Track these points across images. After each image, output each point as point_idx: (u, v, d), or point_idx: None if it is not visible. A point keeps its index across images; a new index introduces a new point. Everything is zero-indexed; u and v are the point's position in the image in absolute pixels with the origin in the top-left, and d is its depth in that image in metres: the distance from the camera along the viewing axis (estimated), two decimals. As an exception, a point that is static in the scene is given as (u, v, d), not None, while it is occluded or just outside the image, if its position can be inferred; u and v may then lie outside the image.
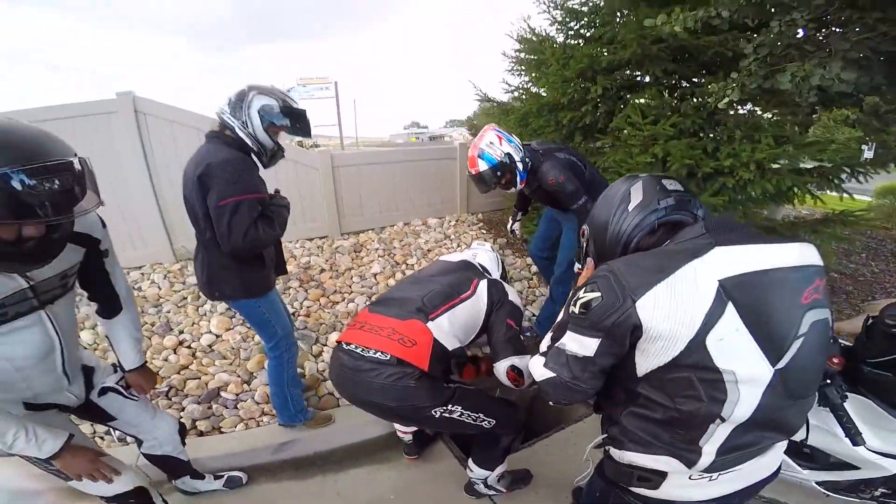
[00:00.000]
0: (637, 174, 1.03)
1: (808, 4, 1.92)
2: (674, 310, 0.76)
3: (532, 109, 3.74)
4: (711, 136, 3.02)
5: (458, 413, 1.50)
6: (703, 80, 3.16)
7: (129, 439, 1.80)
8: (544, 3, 3.72)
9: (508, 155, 2.23)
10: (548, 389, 0.95)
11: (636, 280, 0.79)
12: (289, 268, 3.46)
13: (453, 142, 5.44)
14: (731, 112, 2.97)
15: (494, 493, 1.85)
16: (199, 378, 2.51)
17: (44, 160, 0.87)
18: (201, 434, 2.21)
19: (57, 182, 0.88)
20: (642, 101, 3.17)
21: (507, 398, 1.77)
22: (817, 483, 1.67)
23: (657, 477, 0.92)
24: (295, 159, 4.07)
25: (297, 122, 1.73)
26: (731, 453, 0.86)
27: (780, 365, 0.79)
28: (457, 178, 4.90)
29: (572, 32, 3.73)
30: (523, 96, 4.09)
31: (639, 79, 3.39)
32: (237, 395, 2.41)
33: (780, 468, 0.99)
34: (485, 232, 4.61)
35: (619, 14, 3.32)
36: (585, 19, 3.57)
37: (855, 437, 1.38)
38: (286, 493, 1.96)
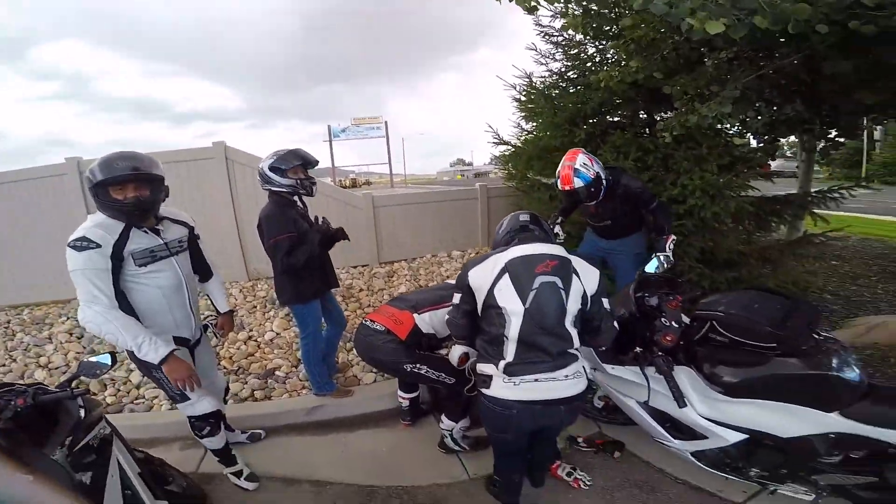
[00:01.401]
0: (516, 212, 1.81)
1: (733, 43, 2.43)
2: (483, 274, 1.56)
3: (534, 154, 4.39)
4: (664, 170, 3.46)
5: (425, 371, 2.22)
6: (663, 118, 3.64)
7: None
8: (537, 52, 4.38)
9: (598, 175, 2.61)
10: (448, 325, 1.80)
11: (472, 262, 1.62)
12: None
13: (475, 185, 6.20)
14: (680, 143, 3.35)
15: (460, 449, 2.41)
16: (261, 362, 3.37)
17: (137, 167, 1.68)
18: (256, 400, 2.98)
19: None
20: (617, 141, 3.67)
21: None
22: (692, 454, 2.00)
23: (489, 379, 1.58)
24: (344, 200, 5.03)
25: (293, 157, 2.43)
26: (518, 365, 1.52)
27: (527, 305, 1.49)
28: (478, 215, 5.66)
29: (557, 77, 4.32)
30: (529, 139, 4.73)
31: (615, 120, 3.94)
32: (287, 374, 3.21)
33: (577, 396, 1.57)
34: None
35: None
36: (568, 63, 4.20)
37: (678, 399, 1.77)
38: (308, 444, 2.63)
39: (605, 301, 1.63)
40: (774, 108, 3.21)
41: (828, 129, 3.62)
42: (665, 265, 2.49)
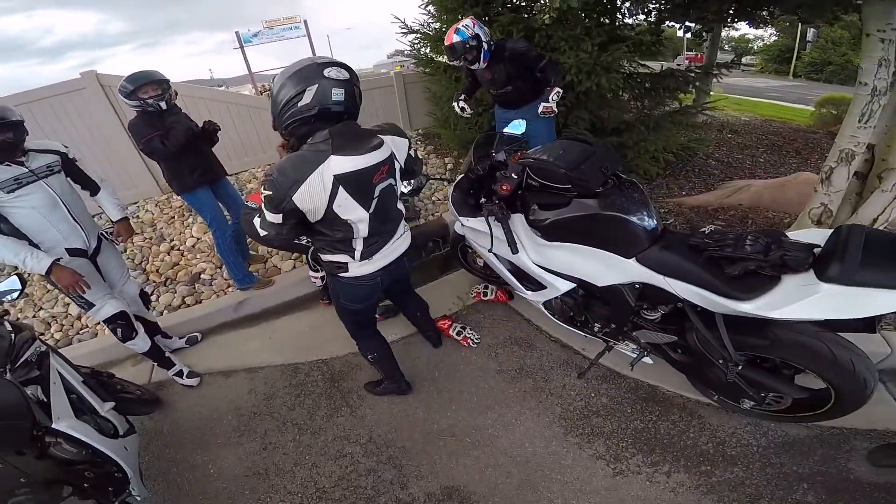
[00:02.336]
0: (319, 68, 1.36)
1: None
2: (312, 198, 1.37)
3: (434, 38, 4.48)
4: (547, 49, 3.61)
5: (306, 240, 2.17)
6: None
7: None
8: None
9: (477, 35, 2.80)
10: (264, 241, 1.58)
11: (288, 183, 1.34)
12: (250, 185, 4.64)
13: (390, 73, 6.07)
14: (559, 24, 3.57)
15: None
16: (186, 269, 3.56)
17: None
18: (188, 306, 3.23)
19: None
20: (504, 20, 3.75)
21: None
22: (543, 306, 2.24)
23: (344, 265, 1.66)
24: (249, 105, 4.85)
25: (132, 80, 2.49)
26: (369, 248, 1.63)
27: (370, 210, 1.52)
28: (396, 102, 5.67)
29: None
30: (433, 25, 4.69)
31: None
32: (212, 276, 3.44)
33: (406, 251, 1.82)
34: (422, 143, 5.55)
35: None
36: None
37: (511, 245, 1.88)
38: (240, 337, 2.96)
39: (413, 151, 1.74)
40: None
41: (702, 15, 3.81)
42: (546, 113, 2.84)
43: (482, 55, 2.86)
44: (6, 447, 1.36)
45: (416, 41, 4.85)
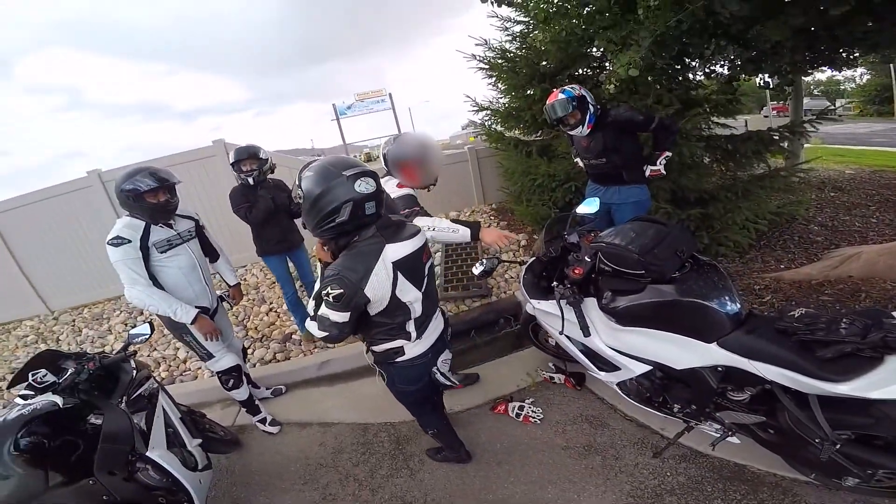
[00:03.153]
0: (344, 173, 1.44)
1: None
2: (380, 286, 1.45)
3: (504, 114, 4.75)
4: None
5: None
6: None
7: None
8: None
9: (583, 97, 2.70)
10: (326, 340, 1.53)
11: (357, 278, 1.40)
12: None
13: (464, 147, 6.44)
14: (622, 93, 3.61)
15: (451, 384, 2.66)
16: (279, 329, 3.94)
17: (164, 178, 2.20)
18: (278, 361, 3.53)
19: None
20: None
21: None
22: (617, 386, 2.16)
23: (400, 350, 1.69)
24: None
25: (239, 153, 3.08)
26: (420, 328, 1.68)
27: (423, 290, 1.62)
28: (471, 176, 5.94)
29: (520, 40, 4.57)
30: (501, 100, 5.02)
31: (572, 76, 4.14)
32: (301, 337, 3.73)
33: (445, 328, 1.90)
34: (495, 217, 5.63)
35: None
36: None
37: (583, 329, 1.89)
38: (319, 394, 3.16)
39: None
40: (708, 48, 3.31)
41: (776, 66, 3.65)
42: (653, 176, 2.77)
43: (588, 118, 2.73)
44: (103, 467, 1.56)
45: (487, 118, 5.14)
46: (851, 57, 4.17)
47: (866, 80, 26.96)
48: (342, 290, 1.40)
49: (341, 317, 1.46)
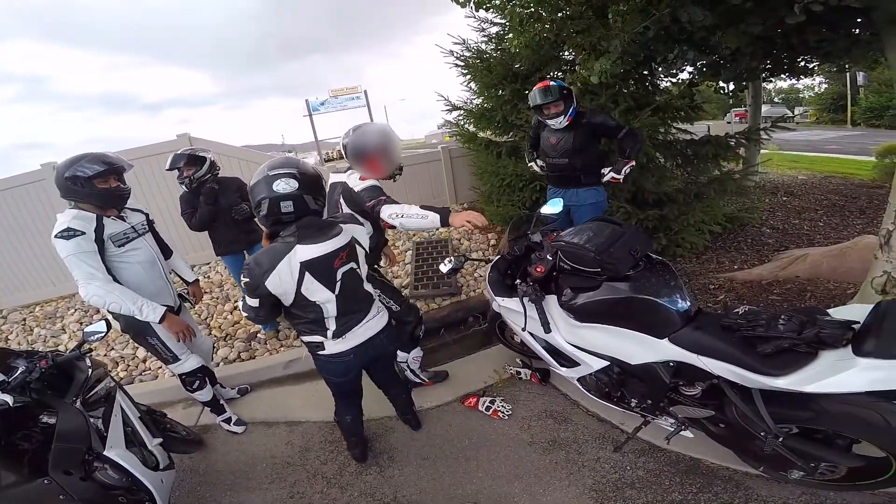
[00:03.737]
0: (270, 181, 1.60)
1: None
2: (282, 283, 1.61)
3: (477, 114, 4.81)
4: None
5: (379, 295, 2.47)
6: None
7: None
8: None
9: (571, 91, 2.83)
10: (248, 319, 1.82)
11: (260, 272, 1.59)
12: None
13: (438, 146, 6.47)
14: (583, 94, 3.69)
15: (420, 381, 2.82)
16: (245, 327, 3.84)
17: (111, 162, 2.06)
18: (243, 360, 3.46)
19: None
20: None
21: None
22: (578, 381, 2.22)
23: (320, 344, 1.84)
24: None
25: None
26: (341, 328, 1.80)
27: (336, 292, 1.73)
28: (443, 174, 5.97)
29: (496, 41, 4.65)
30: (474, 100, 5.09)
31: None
32: (266, 336, 3.67)
33: (382, 330, 1.95)
34: None
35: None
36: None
37: (544, 325, 1.95)
38: (285, 393, 3.10)
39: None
40: (671, 53, 3.47)
41: (734, 72, 3.86)
42: (612, 182, 2.82)
43: (570, 111, 2.82)
44: (58, 467, 1.52)
45: (460, 117, 5.19)
46: (809, 66, 4.42)
47: (824, 89, 28.03)
48: (248, 280, 1.63)
49: (252, 302, 1.69)
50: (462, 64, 4.69)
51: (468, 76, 4.74)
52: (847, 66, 4.35)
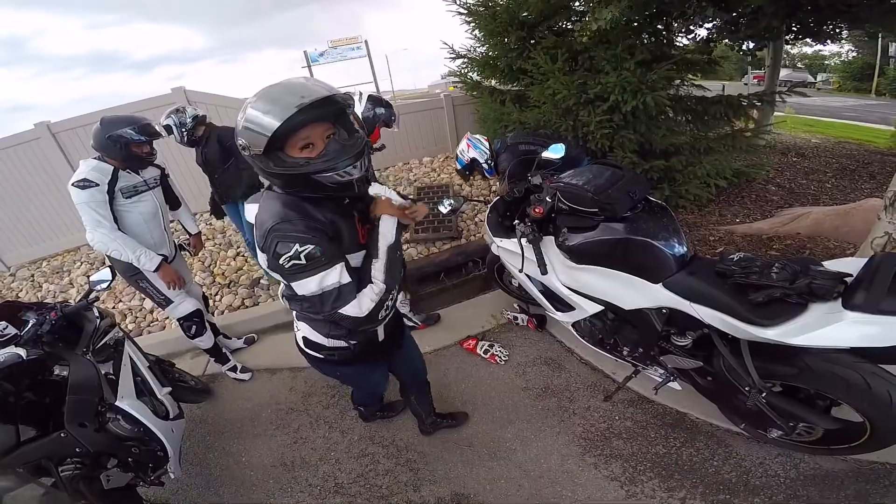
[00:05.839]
0: None
1: None
2: None
3: (481, 62, 4.66)
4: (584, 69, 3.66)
5: None
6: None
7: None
8: None
9: (473, 159, 2.86)
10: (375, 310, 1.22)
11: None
12: None
13: (440, 94, 6.32)
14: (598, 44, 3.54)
15: (413, 324, 2.92)
16: (248, 274, 3.91)
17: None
18: (247, 307, 3.54)
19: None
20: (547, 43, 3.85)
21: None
22: (572, 327, 2.25)
23: None
24: None
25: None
26: None
27: None
28: (445, 122, 5.90)
29: None
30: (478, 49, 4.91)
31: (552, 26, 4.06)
32: (269, 281, 3.73)
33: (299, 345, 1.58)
34: None
35: None
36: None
37: (541, 266, 1.92)
38: (290, 339, 3.02)
39: (302, 282, 1.14)
40: (689, 7, 3.27)
41: (753, 31, 3.67)
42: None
43: (486, 173, 2.91)
44: (73, 419, 1.56)
45: (464, 65, 5.05)
46: (836, 31, 4.18)
47: (852, 58, 26.94)
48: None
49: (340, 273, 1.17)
50: (465, 12, 4.48)
51: (472, 24, 4.54)
52: (879, 33, 4.08)
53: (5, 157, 4.66)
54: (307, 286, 1.13)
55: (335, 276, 1.13)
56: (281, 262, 1.10)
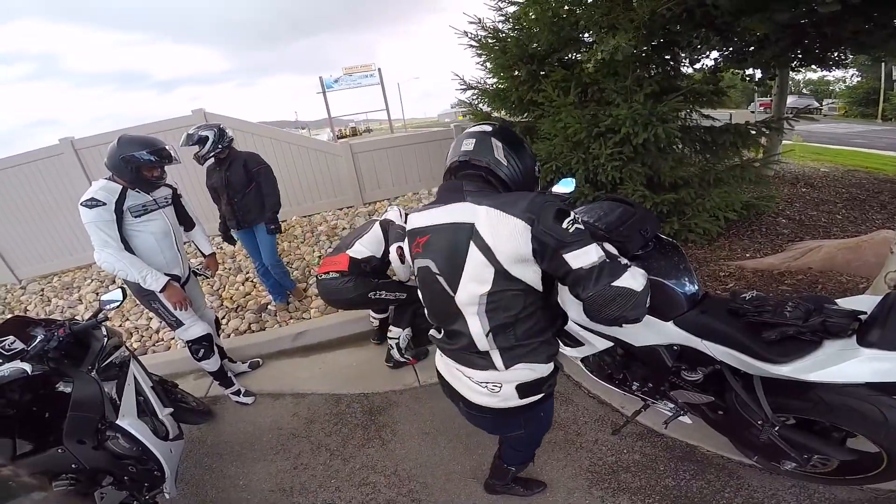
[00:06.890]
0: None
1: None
2: (406, 245, 1.35)
3: (492, 95, 4.73)
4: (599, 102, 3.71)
5: (385, 294, 2.61)
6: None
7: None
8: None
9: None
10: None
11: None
12: (321, 227, 5.02)
13: (451, 125, 6.41)
14: (606, 77, 3.61)
15: (405, 360, 2.91)
16: (256, 299, 3.93)
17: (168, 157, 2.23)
18: (253, 332, 3.54)
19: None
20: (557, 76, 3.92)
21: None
22: (581, 362, 2.22)
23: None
24: (323, 150, 5.36)
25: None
26: (437, 335, 1.39)
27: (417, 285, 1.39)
28: None
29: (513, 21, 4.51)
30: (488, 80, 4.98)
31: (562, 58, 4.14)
32: (276, 307, 3.77)
33: (489, 409, 1.31)
34: None
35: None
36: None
37: None
38: (294, 365, 3.20)
39: (580, 251, 1.02)
40: (696, 37, 3.34)
41: (760, 60, 3.72)
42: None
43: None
44: (72, 436, 1.55)
45: (474, 97, 5.09)
46: (841, 57, 4.23)
47: (856, 82, 27.08)
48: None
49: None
50: (476, 45, 4.60)
51: (483, 57, 4.65)
52: (882, 58, 4.14)
53: (28, 171, 4.79)
54: (588, 253, 1.01)
55: (599, 248, 1.05)
56: (565, 224, 1.01)
